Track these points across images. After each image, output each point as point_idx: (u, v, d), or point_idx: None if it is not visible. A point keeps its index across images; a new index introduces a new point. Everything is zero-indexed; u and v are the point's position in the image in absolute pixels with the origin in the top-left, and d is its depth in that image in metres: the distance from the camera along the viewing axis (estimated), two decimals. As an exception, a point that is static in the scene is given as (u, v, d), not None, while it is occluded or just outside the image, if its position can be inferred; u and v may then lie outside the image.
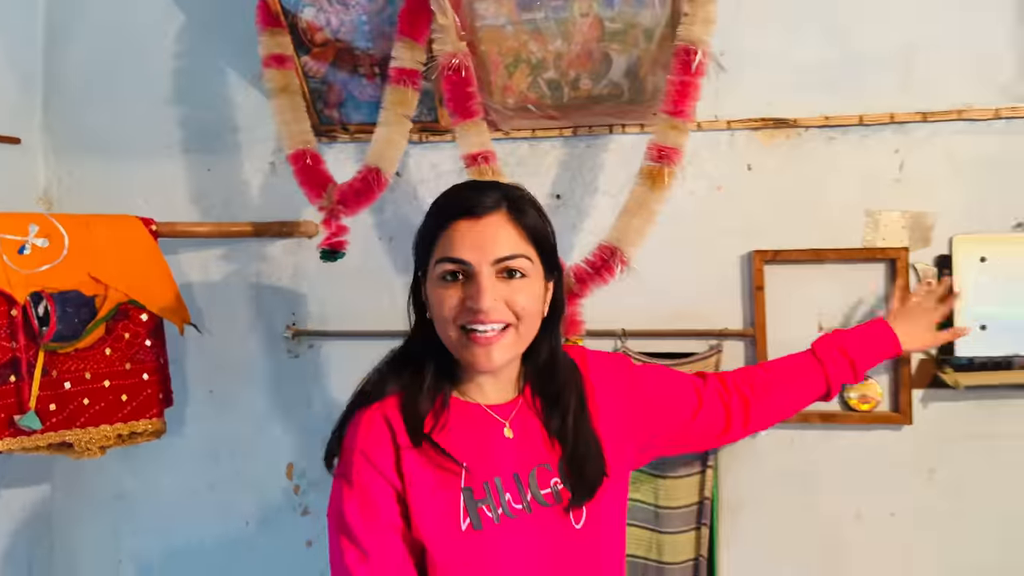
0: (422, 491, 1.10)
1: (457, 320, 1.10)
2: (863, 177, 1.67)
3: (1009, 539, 1.64)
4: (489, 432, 1.16)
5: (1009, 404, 1.63)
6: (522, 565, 1.11)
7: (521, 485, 1.15)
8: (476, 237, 1.08)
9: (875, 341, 1.44)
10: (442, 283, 1.11)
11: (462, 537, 1.09)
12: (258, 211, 1.94)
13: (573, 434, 1.18)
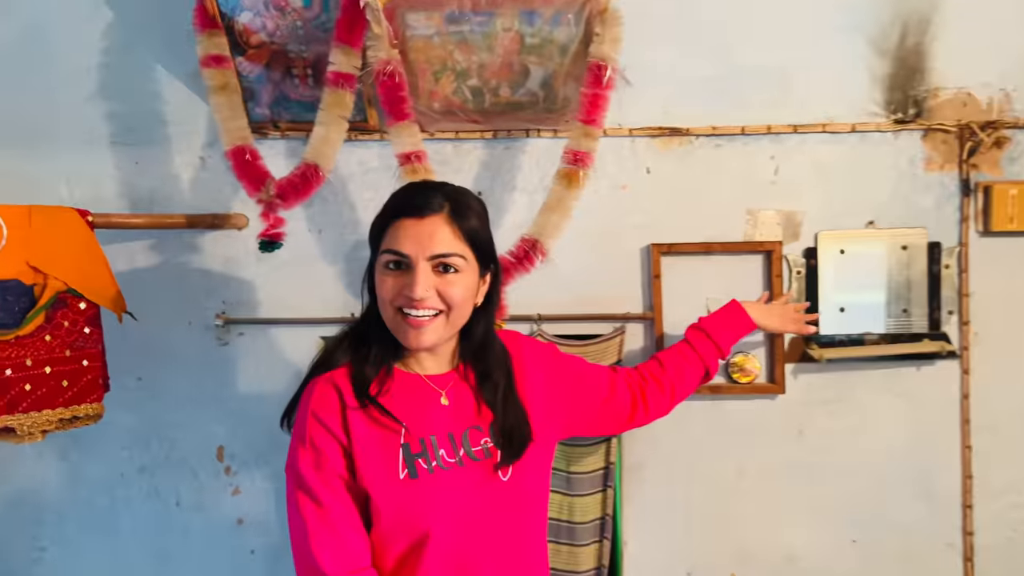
0: (366, 446, 1.26)
1: (394, 302, 1.27)
2: (744, 180, 1.92)
3: (862, 484, 1.94)
4: (427, 399, 1.33)
5: (861, 373, 1.93)
6: (454, 510, 1.28)
7: (455, 443, 1.32)
8: (417, 234, 1.25)
9: (732, 321, 1.74)
10: (385, 270, 1.28)
11: (400, 485, 1.26)
12: (187, 204, 2.00)
13: (502, 406, 1.36)
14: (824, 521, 1.96)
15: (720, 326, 1.72)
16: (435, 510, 1.27)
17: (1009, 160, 1.88)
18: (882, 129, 1.89)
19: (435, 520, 1.27)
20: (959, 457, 1.92)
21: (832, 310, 1.92)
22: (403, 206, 1.28)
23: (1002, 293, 1.89)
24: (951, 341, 1.89)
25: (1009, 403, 1.91)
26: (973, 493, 1.92)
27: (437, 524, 1.26)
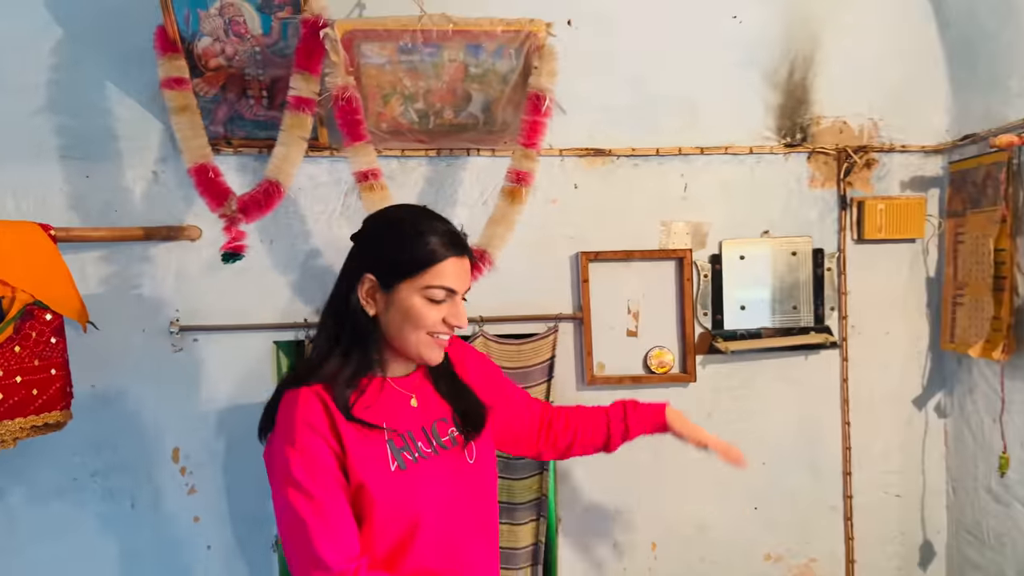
0: (357, 447, 1.40)
1: (434, 328, 1.42)
2: (659, 195, 2.18)
3: (761, 459, 2.24)
4: (399, 401, 1.49)
5: (759, 363, 2.23)
6: (437, 493, 1.46)
7: (428, 435, 1.49)
8: (462, 273, 1.43)
9: (650, 418, 1.76)
10: (428, 301, 1.41)
11: (393, 476, 1.42)
12: (139, 216, 2.08)
13: (456, 393, 1.55)
14: (729, 494, 2.24)
15: (640, 416, 1.77)
16: (424, 496, 1.44)
17: (877, 179, 2.22)
18: (774, 152, 2.19)
19: (424, 505, 1.43)
20: (840, 432, 2.25)
21: (734, 308, 2.21)
22: (452, 245, 1.42)
23: (873, 291, 2.24)
24: (833, 333, 2.22)
25: (880, 385, 2.25)
26: (851, 462, 2.25)
27: (426, 509, 1.43)
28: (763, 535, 2.25)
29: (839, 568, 2.27)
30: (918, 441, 2.27)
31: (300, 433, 1.38)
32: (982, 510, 2.10)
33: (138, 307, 2.10)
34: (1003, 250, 1.91)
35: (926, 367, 2.26)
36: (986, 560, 2.10)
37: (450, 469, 1.49)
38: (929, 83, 2.21)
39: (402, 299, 1.41)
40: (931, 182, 2.22)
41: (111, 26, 2.02)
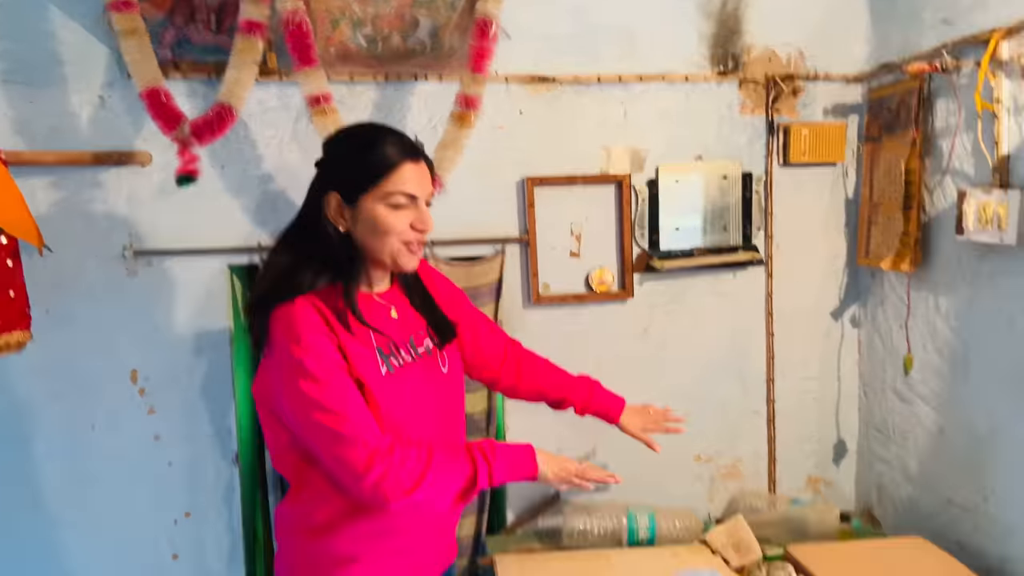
0: (352, 352, 1.48)
1: (403, 236, 1.50)
2: (600, 122, 2.29)
3: (693, 369, 2.42)
4: (382, 313, 1.59)
5: (692, 280, 2.39)
6: (419, 395, 1.57)
7: (408, 345, 1.60)
8: (420, 177, 1.48)
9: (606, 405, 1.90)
10: (392, 208, 1.47)
11: (383, 378, 1.52)
12: (86, 142, 2.07)
13: (427, 303, 1.65)
14: (664, 400, 2.37)
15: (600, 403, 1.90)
16: (409, 399, 1.54)
17: (803, 106, 2.36)
18: (708, 80, 2.31)
19: (409, 408, 1.54)
20: (764, 343, 2.44)
21: (669, 229, 2.34)
22: (403, 152, 1.47)
23: (797, 212, 2.40)
24: (759, 251, 2.39)
25: (801, 299, 2.44)
26: (775, 370, 2.45)
27: (410, 412, 1.54)
28: (695, 438, 2.44)
29: (762, 466, 2.49)
30: (834, 350, 2.48)
31: (306, 334, 1.42)
32: (889, 410, 2.33)
33: (90, 232, 2.12)
34: (913, 171, 2.08)
35: (843, 282, 2.45)
36: (891, 454, 2.33)
37: (427, 376, 1.60)
38: (851, 15, 2.34)
39: (367, 211, 1.47)
40: (851, 109, 2.38)
41: (51, -54, 1.99)
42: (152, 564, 2.24)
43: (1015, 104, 1.78)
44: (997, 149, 1.82)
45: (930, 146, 2.07)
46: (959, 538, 2.05)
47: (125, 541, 2.22)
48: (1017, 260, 1.81)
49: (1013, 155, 1.79)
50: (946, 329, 2.05)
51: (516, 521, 2.39)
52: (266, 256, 1.57)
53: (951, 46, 1.94)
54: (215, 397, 2.23)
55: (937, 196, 2.05)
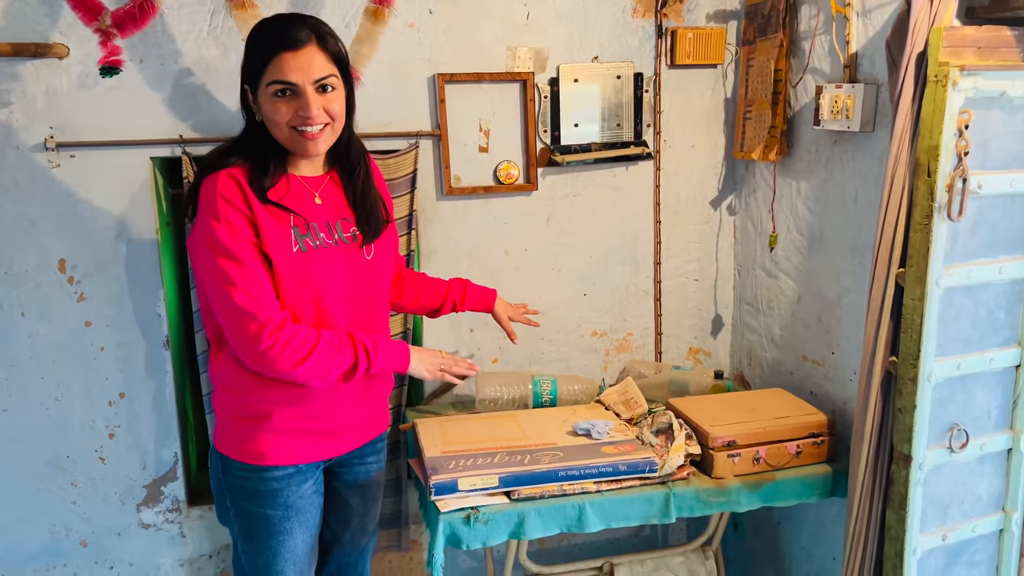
0: (266, 225, 1.66)
1: (290, 123, 1.64)
2: (505, 22, 2.45)
3: (591, 254, 2.67)
4: (307, 196, 1.75)
5: (589, 173, 2.62)
6: (333, 278, 1.75)
7: (331, 229, 1.77)
8: (298, 65, 1.60)
9: (481, 302, 2.20)
10: (275, 98, 1.62)
11: (293, 257, 1.70)
12: (1, 33, 2.11)
13: (362, 196, 1.82)
14: (565, 283, 2.68)
15: (474, 297, 2.18)
16: (320, 278, 1.72)
17: (688, 11, 2.59)
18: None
19: (321, 287, 1.71)
20: (652, 230, 2.72)
21: (569, 125, 2.56)
22: (280, 41, 1.60)
23: (682, 110, 2.66)
24: (648, 146, 2.63)
25: (685, 190, 2.72)
26: (661, 255, 2.74)
27: (323, 291, 1.72)
28: (591, 315, 2.72)
29: (650, 340, 2.80)
30: (713, 235, 2.78)
31: (222, 208, 1.60)
32: (758, 285, 2.66)
33: (8, 125, 2.16)
34: (781, 70, 2.36)
35: (721, 174, 2.74)
36: (760, 324, 2.67)
37: (348, 260, 1.77)
38: (732, -73, 2.57)
39: (262, 103, 1.63)
40: (730, 15, 2.62)
41: None
42: (90, 442, 2.38)
43: (863, 7, 2.06)
44: (848, 48, 2.09)
45: (795, 47, 2.34)
46: (811, 388, 2.42)
47: (63, 423, 2.35)
48: (860, 145, 2.11)
49: (860, 53, 2.08)
50: (805, 210, 2.37)
51: (432, 394, 2.63)
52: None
53: (813, -44, 2.19)
54: (144, 284, 2.34)
55: (800, 92, 2.34)
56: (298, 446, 1.79)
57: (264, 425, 1.74)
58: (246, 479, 1.79)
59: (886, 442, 1.93)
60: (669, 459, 2.05)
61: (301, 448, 1.80)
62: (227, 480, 1.83)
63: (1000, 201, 1.84)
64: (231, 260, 1.61)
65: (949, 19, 1.73)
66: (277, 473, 1.78)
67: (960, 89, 1.69)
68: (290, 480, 1.80)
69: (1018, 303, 1.93)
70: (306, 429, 1.79)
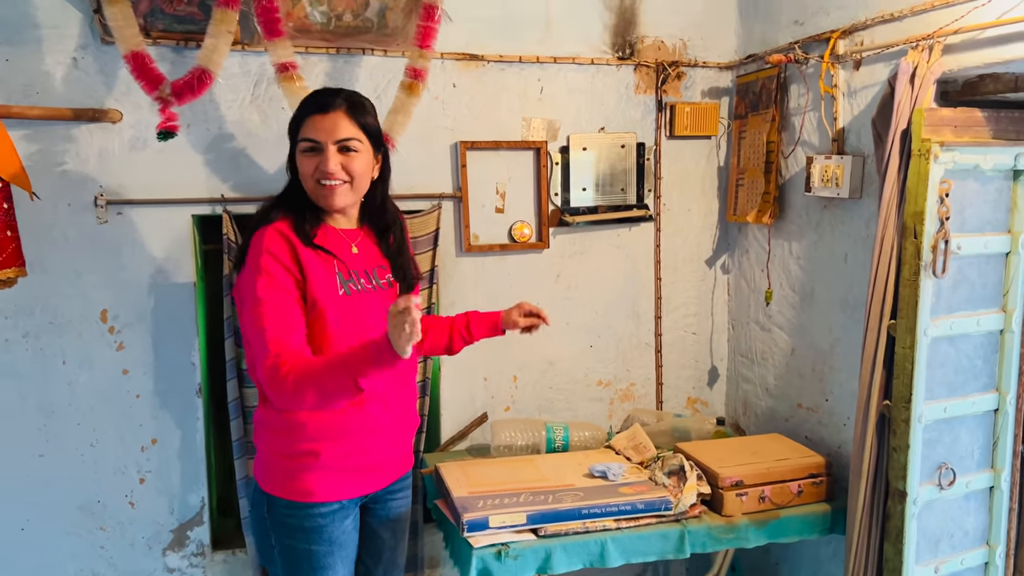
0: (313, 271, 1.81)
1: (313, 176, 1.82)
2: (521, 96, 2.67)
3: (596, 309, 2.86)
4: (344, 245, 1.91)
5: (596, 233, 2.82)
6: (372, 318, 1.90)
7: (369, 275, 1.93)
8: (324, 126, 1.81)
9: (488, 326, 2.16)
10: (304, 154, 1.82)
11: (340, 298, 1.85)
12: (60, 99, 2.26)
13: (397, 253, 1.99)
14: (573, 335, 2.85)
15: (480, 324, 2.16)
16: (363, 320, 1.87)
17: (685, 88, 2.84)
18: (610, 63, 2.74)
19: (362, 328, 1.86)
20: (653, 286, 2.91)
21: (578, 189, 2.77)
22: (312, 106, 1.82)
23: (680, 176, 2.89)
24: (649, 209, 2.85)
25: (683, 250, 2.93)
26: (661, 309, 2.93)
27: (363, 332, 1.86)
28: (597, 366, 2.89)
29: (651, 389, 2.97)
30: (709, 291, 2.99)
31: (265, 262, 1.76)
32: (752, 338, 2.86)
33: (63, 183, 2.31)
34: (772, 142, 2.60)
35: (716, 235, 2.96)
36: (754, 374, 2.86)
37: (384, 302, 1.92)
38: (723, 14, 2.84)
39: (296, 159, 1.83)
40: (723, 91, 2.88)
41: (27, -84, 2.16)
42: (122, 487, 2.46)
43: (849, 89, 2.31)
44: (836, 124, 2.34)
45: (785, 122, 2.59)
46: (806, 433, 2.60)
47: (96, 468, 2.43)
48: (848, 210, 2.34)
49: (847, 129, 2.32)
50: (797, 268, 2.58)
51: (448, 441, 2.75)
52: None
53: (801, 42, 2.45)
54: (179, 334, 2.46)
55: (791, 162, 2.58)
56: (342, 482, 1.91)
57: (311, 463, 1.86)
58: (291, 516, 1.90)
59: (882, 480, 2.11)
60: (683, 498, 2.20)
61: (344, 484, 1.92)
62: (272, 519, 1.93)
63: (976, 260, 2.07)
64: (264, 307, 1.74)
65: (928, 101, 1.98)
66: (323, 509, 1.89)
67: (940, 162, 1.92)
68: (334, 516, 1.91)
69: (994, 352, 2.15)
70: (349, 466, 1.91)
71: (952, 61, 1.96)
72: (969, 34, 1.89)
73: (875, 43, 2.19)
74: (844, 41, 2.30)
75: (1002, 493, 2.19)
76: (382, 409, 1.91)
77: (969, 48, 1.91)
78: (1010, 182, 2.08)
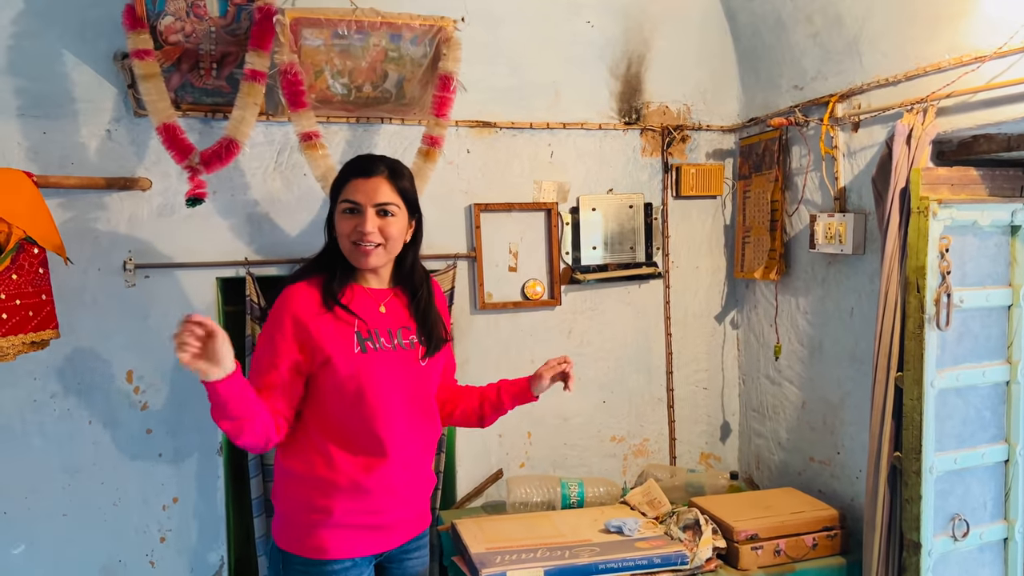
0: (330, 332, 1.87)
1: (351, 237, 1.90)
2: (532, 160, 2.78)
3: (608, 364, 2.91)
4: (372, 305, 1.98)
5: (606, 290, 2.90)
6: (390, 379, 1.96)
7: (391, 334, 1.99)
8: (365, 189, 1.89)
9: (520, 394, 2.13)
10: (344, 215, 1.90)
11: (354, 356, 1.90)
12: (93, 169, 2.37)
13: (424, 313, 2.05)
14: (586, 391, 2.90)
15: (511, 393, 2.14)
16: (377, 377, 1.93)
17: (690, 150, 2.94)
18: (616, 128, 2.85)
19: (375, 381, 1.92)
20: (664, 342, 2.97)
21: (588, 248, 2.85)
22: (356, 170, 1.91)
23: (687, 235, 2.97)
24: (658, 266, 2.93)
25: (692, 306, 3.00)
26: (672, 364, 2.98)
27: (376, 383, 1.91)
28: (610, 422, 2.93)
29: (664, 444, 3.00)
30: (719, 347, 3.04)
31: (287, 321, 1.86)
32: (763, 392, 2.90)
33: (95, 248, 2.40)
34: (776, 201, 2.69)
35: (724, 291, 3.03)
36: (766, 428, 2.90)
37: (404, 363, 1.97)
38: (726, 80, 2.96)
39: (336, 219, 1.92)
40: (727, 153, 2.98)
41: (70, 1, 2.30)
42: (143, 547, 2.49)
43: (848, 150, 2.40)
44: (837, 183, 2.43)
45: (788, 182, 2.68)
46: (819, 487, 2.62)
47: (118, 527, 2.47)
48: (852, 265, 2.41)
49: (848, 187, 2.41)
50: (805, 323, 2.64)
51: (464, 497, 2.78)
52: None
53: (801, 106, 2.56)
54: (201, 393, 2.47)
55: (795, 220, 2.66)
56: (356, 540, 1.94)
57: (325, 520, 1.90)
58: (306, 573, 1.92)
59: (896, 532, 2.13)
60: (699, 552, 2.22)
61: (358, 542, 1.95)
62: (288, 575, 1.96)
63: (979, 313, 2.12)
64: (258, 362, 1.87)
65: (924, 161, 2.06)
66: (336, 567, 1.92)
67: (939, 219, 2.00)
68: (347, 573, 1.93)
69: (1001, 403, 2.19)
70: (363, 524, 1.94)
71: (946, 123, 2.05)
72: (961, 97, 1.99)
73: (872, 106, 2.29)
74: (842, 104, 2.40)
75: (1016, 545, 2.20)
76: (397, 468, 1.95)
77: (962, 110, 2.01)
78: (1008, 237, 2.15)
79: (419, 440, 2.03)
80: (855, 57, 2.34)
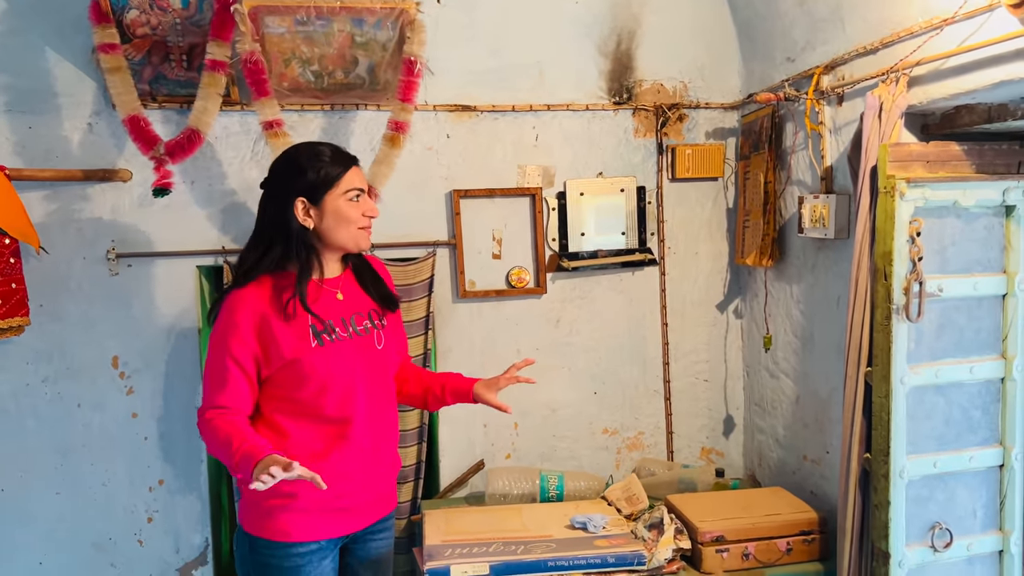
0: (287, 332, 1.86)
1: (359, 223, 1.90)
2: (515, 143, 2.70)
3: (599, 354, 2.81)
4: (327, 296, 1.97)
5: (596, 278, 2.79)
6: (349, 367, 1.94)
7: (345, 323, 1.97)
8: (360, 176, 1.90)
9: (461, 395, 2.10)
10: (351, 202, 1.88)
11: (312, 350, 1.89)
12: (77, 161, 2.46)
13: (374, 283, 2.03)
14: (575, 381, 2.81)
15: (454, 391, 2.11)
16: (338, 367, 1.91)
17: (687, 130, 2.79)
18: (606, 108, 2.74)
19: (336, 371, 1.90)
20: (660, 331, 2.84)
21: (576, 234, 2.75)
22: (345, 160, 1.90)
23: (684, 220, 2.82)
24: (653, 253, 2.80)
25: (691, 294, 2.85)
26: (669, 355, 2.85)
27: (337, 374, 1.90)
28: (602, 414, 2.83)
29: (661, 438, 2.88)
30: (721, 337, 2.89)
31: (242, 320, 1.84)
32: (763, 386, 2.74)
33: (78, 238, 2.49)
34: (770, 182, 2.51)
35: (726, 279, 2.87)
36: (767, 424, 2.73)
37: (361, 349, 1.96)
38: (726, 54, 2.79)
39: (331, 207, 1.87)
40: (728, 132, 2.82)
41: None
42: (131, 526, 2.58)
43: (834, 125, 2.22)
44: (823, 162, 2.25)
45: (781, 161, 2.50)
46: (811, 488, 2.45)
47: (108, 506, 2.56)
48: (838, 251, 2.23)
49: (833, 166, 2.23)
50: (798, 312, 2.47)
51: (447, 488, 2.75)
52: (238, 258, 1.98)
53: (792, 79, 2.38)
54: (185, 378, 2.59)
55: (788, 202, 2.48)
56: (320, 523, 1.95)
57: (290, 504, 1.91)
58: (272, 556, 1.94)
59: (868, 539, 1.96)
60: (657, 552, 2.11)
61: (323, 525, 1.95)
62: (254, 558, 1.98)
63: (965, 304, 1.92)
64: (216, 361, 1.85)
65: (896, 136, 1.87)
66: (301, 549, 1.93)
67: (908, 199, 1.81)
68: (312, 556, 1.94)
69: (995, 403, 1.98)
70: (327, 507, 1.95)
71: (921, 93, 1.85)
72: (932, 64, 1.79)
73: (854, 77, 2.11)
74: (828, 76, 2.22)
75: (1013, 558, 1.99)
76: (361, 452, 1.94)
77: (935, 79, 1.81)
78: (1001, 219, 1.94)
79: (381, 424, 2.01)
80: (838, 24, 2.15)
